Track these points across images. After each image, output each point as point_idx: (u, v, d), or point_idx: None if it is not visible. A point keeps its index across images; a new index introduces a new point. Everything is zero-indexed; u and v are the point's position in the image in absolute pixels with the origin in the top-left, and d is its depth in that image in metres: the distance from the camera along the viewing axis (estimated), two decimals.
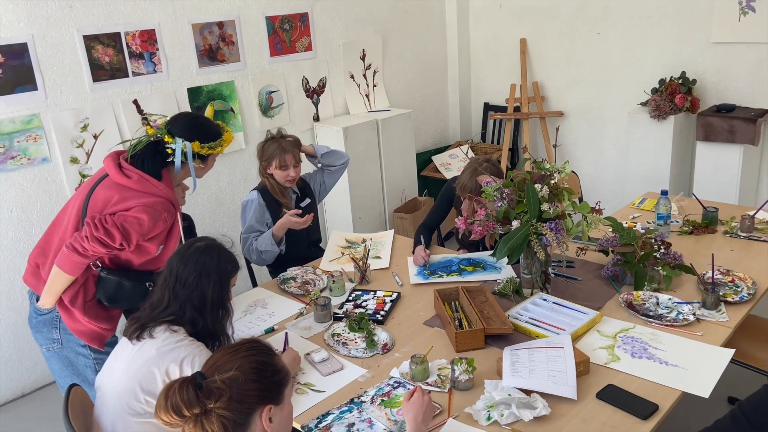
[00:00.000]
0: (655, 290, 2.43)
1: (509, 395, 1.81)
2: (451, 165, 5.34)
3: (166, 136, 2.22)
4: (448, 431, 1.77)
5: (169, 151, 2.21)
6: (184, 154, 2.20)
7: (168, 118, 2.32)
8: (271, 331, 2.38)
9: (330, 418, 1.86)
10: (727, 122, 3.91)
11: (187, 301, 1.87)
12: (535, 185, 2.33)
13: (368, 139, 4.64)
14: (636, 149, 4.36)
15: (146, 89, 3.68)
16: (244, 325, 2.44)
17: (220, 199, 4.18)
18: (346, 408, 1.90)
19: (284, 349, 2.13)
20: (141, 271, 2.26)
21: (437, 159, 5.43)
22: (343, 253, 3.03)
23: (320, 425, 1.83)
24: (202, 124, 2.31)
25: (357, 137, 4.55)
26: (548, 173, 2.36)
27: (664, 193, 2.92)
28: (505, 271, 2.73)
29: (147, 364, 1.77)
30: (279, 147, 3.04)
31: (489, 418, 1.80)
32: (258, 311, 2.54)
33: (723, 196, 3.67)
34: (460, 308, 2.40)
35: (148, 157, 2.20)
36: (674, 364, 1.99)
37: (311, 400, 1.96)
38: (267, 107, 4.32)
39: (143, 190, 2.14)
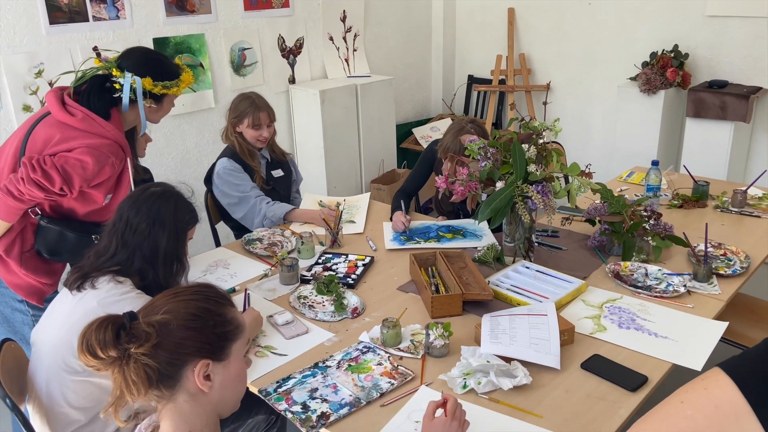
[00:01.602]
0: (643, 261, 2.32)
1: (487, 362, 1.68)
2: (432, 138, 5.19)
3: (114, 70, 2.02)
4: (419, 399, 1.64)
5: (117, 86, 2.02)
6: (133, 90, 2.01)
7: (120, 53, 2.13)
8: (232, 292, 2.22)
9: (291, 382, 1.72)
10: (719, 98, 3.81)
11: (137, 250, 1.71)
12: (522, 145, 2.19)
13: (346, 104, 4.47)
14: (624, 124, 4.26)
15: (108, 36, 3.46)
16: None
17: (186, 160, 3.98)
18: (310, 372, 1.76)
19: (244, 309, 1.98)
20: (86, 222, 2.08)
21: (418, 131, 5.28)
22: (320, 204, 2.90)
23: (279, 389, 1.69)
24: (156, 60, 2.12)
25: (334, 102, 4.37)
26: (536, 132, 2.22)
27: (654, 163, 2.81)
28: (486, 239, 2.60)
29: (87, 316, 1.58)
30: (252, 104, 2.87)
31: (465, 386, 1.67)
32: (219, 271, 2.38)
33: (711, 174, 3.58)
34: (437, 274, 2.27)
35: (95, 94, 2.00)
36: (664, 336, 1.88)
37: (271, 363, 1.81)
38: (239, 65, 4.12)
39: (88, 129, 1.96)
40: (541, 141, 2.20)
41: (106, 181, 2.02)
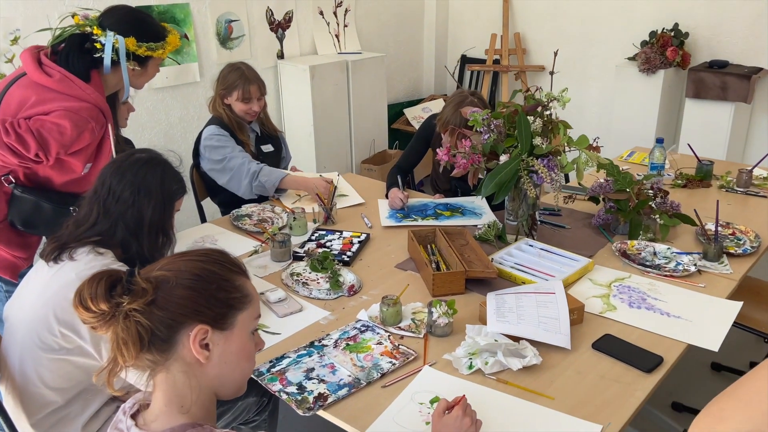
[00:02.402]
0: (650, 240, 2.24)
1: (495, 341, 1.59)
2: (424, 119, 5.08)
3: (95, 28, 1.89)
4: (423, 380, 1.55)
5: (98, 45, 1.89)
6: (115, 51, 1.88)
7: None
8: None
9: (285, 362, 1.62)
10: (720, 78, 3.74)
11: (120, 219, 1.59)
12: (528, 117, 2.09)
13: (337, 81, 4.35)
14: (621, 105, 4.18)
15: (87, 2, 3.29)
16: None
17: (170, 135, 3.84)
18: (305, 352, 1.66)
19: None
20: (63, 193, 1.95)
21: (409, 112, 5.17)
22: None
23: (273, 369, 1.59)
24: (141, 20, 1.99)
25: (325, 78, 4.25)
26: (543, 103, 2.13)
27: (659, 141, 2.73)
28: (486, 217, 2.51)
29: (64, 289, 1.48)
30: (242, 76, 2.74)
31: (471, 367, 1.58)
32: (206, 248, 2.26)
33: (710, 155, 3.51)
34: (437, 251, 2.17)
35: (74, 53, 1.87)
36: (677, 316, 1.80)
37: (265, 341, 1.70)
38: (226, 37, 3.97)
39: (66, 92, 1.82)
40: (548, 112, 2.10)
41: (86, 148, 1.89)
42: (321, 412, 1.46)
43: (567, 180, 3.12)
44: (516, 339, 1.64)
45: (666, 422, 2.37)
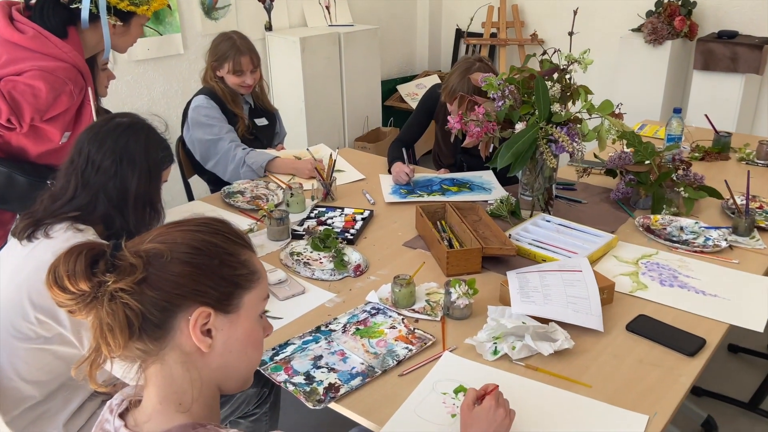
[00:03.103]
0: (674, 215, 2.11)
1: (523, 323, 1.45)
2: (418, 96, 4.91)
3: None
4: (444, 367, 1.41)
5: None
6: (95, 3, 1.70)
7: None
8: None
9: (290, 349, 1.47)
10: (730, 49, 3.61)
11: (101, 192, 1.42)
12: (546, 82, 1.94)
13: (329, 54, 4.16)
14: (626, 78, 4.04)
15: None
16: None
17: (153, 111, 3.63)
18: (311, 338, 1.51)
19: None
20: (40, 165, 1.77)
21: (403, 89, 5.00)
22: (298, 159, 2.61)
23: (277, 357, 1.44)
24: None
25: (316, 51, 4.06)
26: (563, 67, 1.98)
27: (677, 111, 2.59)
28: (496, 192, 2.36)
29: (39, 270, 1.30)
30: (234, 47, 2.56)
31: (496, 352, 1.44)
32: None
33: (718, 128, 3.40)
34: (449, 228, 2.02)
35: (49, 7, 1.69)
36: (713, 294, 1.68)
37: None
38: (210, 7, 3.77)
39: (41, 50, 1.64)
40: (568, 76, 1.95)
41: (63, 114, 1.72)
42: (333, 405, 1.31)
43: None
44: (544, 321, 1.50)
45: (689, 408, 2.25)
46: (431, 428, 1.24)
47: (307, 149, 2.51)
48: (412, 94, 4.94)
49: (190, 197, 2.72)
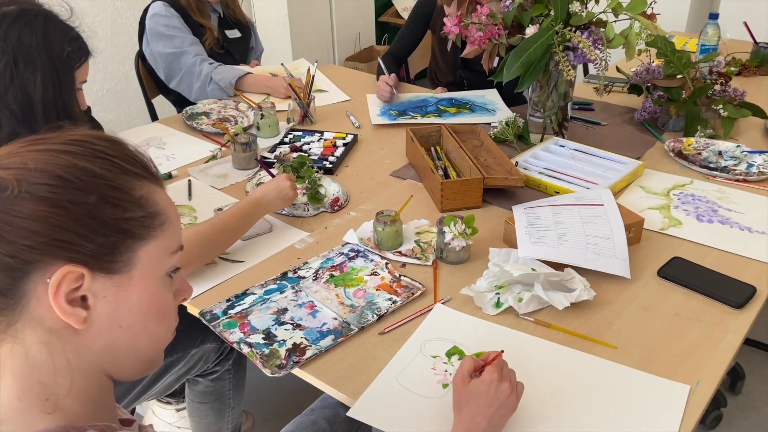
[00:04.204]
0: (710, 137, 1.84)
1: (532, 270, 1.20)
2: None
3: None
4: (435, 324, 1.17)
5: None
6: None
7: None
8: (167, 178, 1.69)
9: (248, 300, 1.22)
10: None
11: (0, 105, 1.14)
12: None
13: None
14: None
15: None
16: None
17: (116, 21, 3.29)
18: (275, 287, 1.26)
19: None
20: None
21: (399, 2, 4.60)
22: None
23: (232, 311, 1.20)
24: None
25: None
26: None
27: (713, 16, 2.27)
28: (501, 114, 2.07)
29: None
30: None
31: (498, 305, 1.20)
32: (151, 153, 1.81)
33: (758, 38, 3.07)
34: (444, 155, 1.75)
35: None
36: (760, 231, 1.42)
37: (221, 273, 1.31)
38: None
39: None
40: None
41: None
42: (297, 372, 1.08)
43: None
44: (558, 267, 1.25)
45: None
46: (417, 401, 1.01)
47: (282, 64, 2.21)
48: (409, 8, 4.55)
49: (153, 114, 2.44)
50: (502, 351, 0.93)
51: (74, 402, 0.62)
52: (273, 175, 1.45)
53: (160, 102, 2.49)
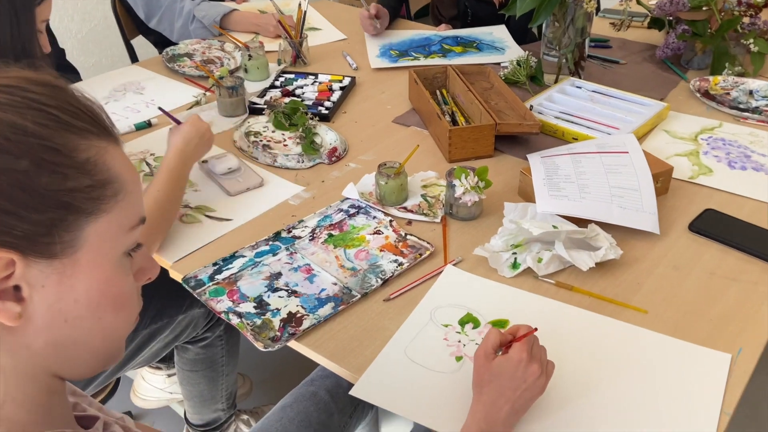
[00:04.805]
0: (738, 75, 1.70)
1: (553, 227, 1.09)
2: None
3: None
4: (446, 288, 1.06)
5: None
6: None
7: None
8: (146, 126, 1.55)
9: (237, 264, 1.11)
10: None
11: None
12: None
13: None
14: None
15: None
16: None
17: None
18: (268, 248, 1.15)
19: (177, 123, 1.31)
20: None
21: None
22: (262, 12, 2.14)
23: (219, 276, 1.09)
24: None
25: None
26: None
27: None
28: (512, 53, 1.93)
29: None
30: None
31: (515, 266, 1.09)
32: (128, 98, 1.69)
33: None
34: (451, 100, 1.62)
35: None
36: None
37: (206, 233, 1.20)
38: None
39: None
40: None
41: None
42: (293, 344, 0.98)
43: None
44: (581, 223, 1.14)
45: None
46: (427, 377, 0.91)
47: (271, 0, 2.04)
48: None
49: (133, 55, 2.29)
50: (536, 329, 0.82)
51: (17, 410, 0.51)
52: (178, 121, 1.30)
53: (142, 43, 2.33)
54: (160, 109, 1.38)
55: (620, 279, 1.07)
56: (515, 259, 1.10)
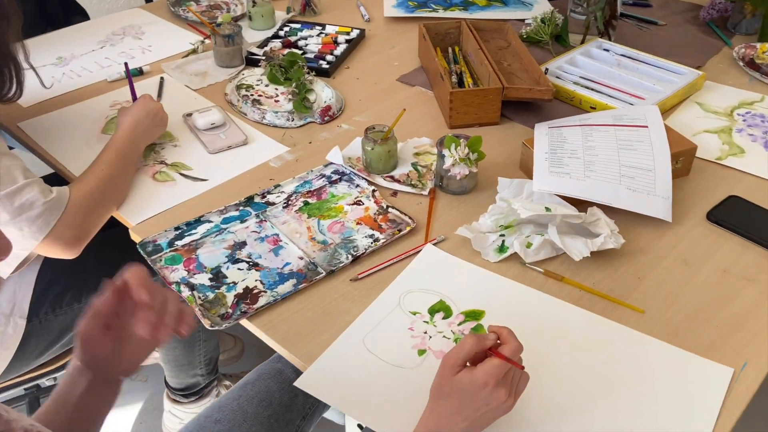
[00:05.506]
0: None
1: (547, 209, 0.97)
2: None
3: None
4: (420, 271, 0.96)
5: None
6: None
7: None
8: (138, 74, 1.47)
9: (201, 229, 1.03)
10: None
11: None
12: None
13: None
14: None
15: None
16: (94, 61, 1.52)
17: None
18: (237, 213, 1.07)
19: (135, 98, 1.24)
20: None
21: None
22: None
23: (179, 242, 1.01)
24: None
25: None
26: None
27: None
28: (539, 8, 1.77)
29: None
30: None
31: (502, 250, 0.98)
32: (125, 43, 1.61)
33: None
34: (463, 58, 1.48)
35: None
36: None
37: (178, 194, 1.12)
38: None
39: None
40: None
41: None
42: (245, 323, 0.90)
43: None
44: (582, 205, 1.01)
45: None
46: (383, 371, 0.82)
47: None
48: None
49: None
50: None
51: None
52: (135, 96, 1.21)
53: None
54: (128, 77, 1.28)
55: (618, 272, 0.95)
56: (503, 242, 0.99)
